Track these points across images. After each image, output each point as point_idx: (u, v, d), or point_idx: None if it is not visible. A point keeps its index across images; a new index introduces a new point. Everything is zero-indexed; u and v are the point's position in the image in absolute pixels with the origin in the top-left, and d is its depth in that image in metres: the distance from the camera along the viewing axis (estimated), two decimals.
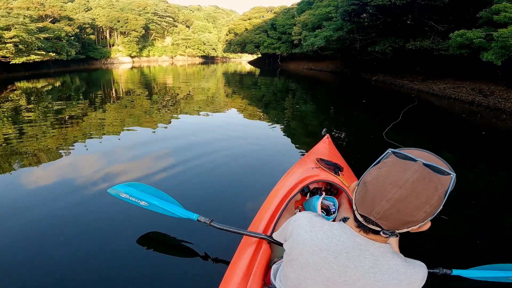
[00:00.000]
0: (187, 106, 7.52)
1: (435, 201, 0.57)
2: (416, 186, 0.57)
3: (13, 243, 1.83)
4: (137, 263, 1.66)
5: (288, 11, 30.85)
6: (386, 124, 5.08)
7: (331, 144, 2.55)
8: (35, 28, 20.49)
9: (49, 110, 6.58)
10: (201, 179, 2.80)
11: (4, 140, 4.08)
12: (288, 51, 28.42)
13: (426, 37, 11.12)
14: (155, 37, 49.87)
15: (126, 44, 42.89)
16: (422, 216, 0.57)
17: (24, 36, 18.45)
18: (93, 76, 19.04)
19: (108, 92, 10.38)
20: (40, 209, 2.22)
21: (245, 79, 17.14)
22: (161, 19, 48.94)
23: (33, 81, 14.29)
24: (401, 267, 0.63)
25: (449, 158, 3.49)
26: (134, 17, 42.33)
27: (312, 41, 16.73)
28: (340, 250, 0.66)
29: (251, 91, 11.40)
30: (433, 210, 0.57)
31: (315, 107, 7.66)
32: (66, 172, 2.95)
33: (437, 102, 8.72)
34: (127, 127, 4.98)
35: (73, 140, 4.08)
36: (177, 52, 51.55)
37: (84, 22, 33.61)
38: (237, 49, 35.63)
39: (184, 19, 56.42)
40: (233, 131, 4.74)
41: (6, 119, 5.61)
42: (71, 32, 27.27)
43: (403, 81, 12.39)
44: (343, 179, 1.64)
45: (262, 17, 38.03)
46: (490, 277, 1.43)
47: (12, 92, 10.03)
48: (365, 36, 14.23)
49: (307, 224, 0.73)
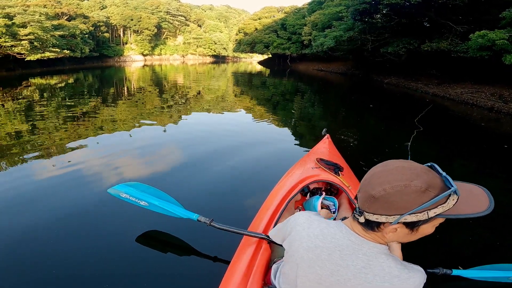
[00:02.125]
0: (193, 106, 7.43)
1: (399, 185, 0.57)
2: (396, 168, 0.60)
3: (10, 238, 1.85)
4: (137, 263, 1.66)
5: (299, 11, 30.44)
6: (397, 130, 4.80)
7: (331, 144, 2.55)
8: (50, 25, 20.98)
9: (59, 106, 6.69)
10: (201, 179, 2.78)
11: (12, 134, 4.18)
12: (298, 51, 28.01)
13: (443, 38, 10.59)
14: (167, 36, 50.47)
15: (138, 43, 43.59)
16: (380, 192, 0.58)
17: (39, 33, 18.92)
18: (105, 73, 19.37)
19: (119, 90, 10.48)
20: (41, 204, 2.24)
21: (253, 79, 16.99)
22: (173, 18, 49.51)
23: (47, 77, 14.62)
24: (394, 270, 0.61)
25: (463, 168, 3.16)
26: (147, 15, 42.97)
27: (321, 41, 16.37)
28: (334, 247, 0.66)
29: (259, 91, 11.23)
30: (396, 200, 0.57)
31: (322, 109, 7.42)
32: (67, 170, 2.94)
33: (454, 107, 8.27)
34: (132, 126, 4.95)
35: (78, 137, 4.10)
36: (188, 51, 52.01)
37: (99, 20, 34.34)
38: (247, 49, 35.46)
39: (196, 18, 56.86)
40: (235, 131, 4.70)
41: (18, 113, 5.76)
42: (86, 30, 27.85)
43: (417, 84, 11.88)
44: (343, 179, 1.62)
45: (272, 17, 37.70)
46: (490, 277, 1.42)
47: (26, 88, 10.25)
48: (378, 37, 13.70)
49: (305, 221, 0.74)
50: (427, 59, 12.12)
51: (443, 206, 0.58)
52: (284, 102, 8.76)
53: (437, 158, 3.75)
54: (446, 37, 10.58)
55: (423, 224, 0.60)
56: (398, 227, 0.61)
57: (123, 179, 2.70)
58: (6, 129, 4.56)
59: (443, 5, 9.86)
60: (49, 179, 2.72)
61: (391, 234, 0.62)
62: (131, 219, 2.04)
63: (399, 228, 0.61)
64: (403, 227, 0.61)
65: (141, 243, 1.82)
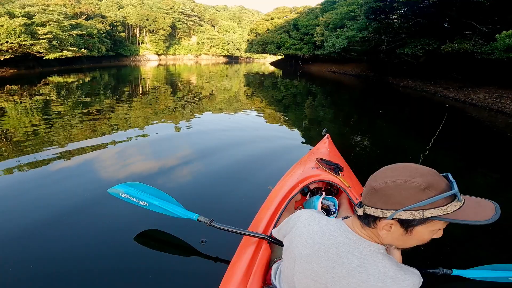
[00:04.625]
0: (196, 107, 7.32)
1: (399, 180, 0.57)
2: (403, 166, 0.60)
3: (10, 234, 1.86)
4: (137, 263, 1.66)
5: (312, 11, 29.77)
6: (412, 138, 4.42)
7: (331, 144, 2.54)
8: (68, 25, 21.59)
9: (74, 104, 6.77)
10: (201, 179, 2.79)
11: (21, 131, 4.23)
12: (311, 52, 27.39)
13: (466, 39, 9.94)
14: (181, 36, 51.15)
15: (153, 42, 44.38)
16: (380, 185, 0.59)
17: (58, 32, 19.47)
18: (121, 72, 19.75)
19: (134, 89, 10.57)
20: (42, 202, 2.26)
21: (264, 80, 16.73)
22: (188, 18, 50.10)
23: (64, 76, 14.98)
24: (389, 270, 0.61)
25: (483, 181, 2.87)
26: (162, 15, 43.69)
27: (333, 41, 15.84)
28: (331, 244, 0.66)
29: (270, 92, 10.98)
30: (395, 194, 0.57)
31: (330, 112, 7.07)
32: (68, 169, 2.95)
33: (476, 113, 7.69)
34: (136, 126, 4.93)
35: (86, 136, 4.11)
36: (202, 51, 52.49)
37: (116, 19, 35.19)
38: (258, 50, 35.18)
39: (209, 18, 57.37)
40: (235, 131, 4.70)
41: (30, 111, 5.88)
42: (103, 29, 28.55)
43: (436, 88, 11.24)
44: (343, 179, 1.61)
45: (285, 17, 37.22)
46: (490, 277, 1.41)
47: (44, 86, 10.54)
48: (394, 37, 13.05)
49: (306, 218, 0.75)
50: (447, 61, 11.46)
51: (441, 209, 0.57)
52: (292, 104, 8.50)
53: (454, 169, 3.43)
54: (469, 37, 9.93)
55: (418, 225, 0.60)
56: (392, 224, 0.60)
57: (123, 179, 2.68)
58: (15, 125, 4.61)
59: (466, 3, 9.25)
60: (50, 178, 2.72)
61: (385, 231, 0.62)
62: (131, 219, 2.03)
63: (393, 226, 0.61)
64: (397, 225, 0.60)
65: (141, 243, 1.81)
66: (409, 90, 12.04)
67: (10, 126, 4.60)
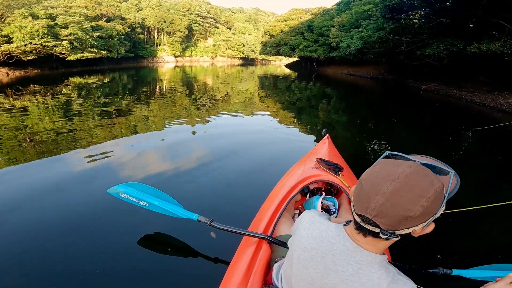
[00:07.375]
0: (208, 109, 7.25)
1: (432, 195, 0.55)
2: (409, 179, 0.56)
3: (12, 235, 1.86)
4: (136, 263, 1.66)
5: (327, 12, 29.11)
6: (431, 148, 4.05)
7: (331, 144, 2.55)
8: (89, 26, 22.36)
9: (94, 104, 6.93)
10: (201, 179, 2.79)
11: (33, 131, 4.31)
12: (326, 54, 26.74)
13: (495, 39, 9.27)
14: (197, 38, 51.91)
15: (171, 44, 45.30)
16: (419, 210, 0.55)
17: (79, 34, 20.19)
18: (140, 73, 20.22)
19: (152, 90, 10.77)
20: (44, 202, 2.26)
21: (279, 82, 16.49)
22: (204, 20, 50.79)
23: (85, 76, 15.48)
24: (383, 282, 0.59)
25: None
26: (178, 17, 44.54)
27: (348, 42, 15.24)
28: (328, 251, 0.65)
29: (283, 95, 10.76)
30: (432, 206, 0.55)
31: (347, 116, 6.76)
32: (69, 169, 2.97)
33: (505, 120, 7.10)
34: (140, 127, 4.92)
35: (96, 138, 4.12)
36: (218, 53, 53.00)
37: (135, 21, 36.22)
38: (272, 51, 34.84)
39: (225, 20, 57.85)
40: (237, 131, 4.73)
41: (46, 110, 6.02)
42: (122, 31, 29.40)
43: (461, 92, 10.57)
44: (343, 180, 1.62)
45: (299, 18, 36.69)
46: (490, 277, 1.39)
47: (65, 86, 10.92)
48: (414, 38, 12.36)
49: (307, 221, 0.74)
50: (473, 63, 10.77)
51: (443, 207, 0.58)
52: (306, 107, 8.26)
53: (476, 183, 3.13)
54: (498, 37, 9.26)
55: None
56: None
57: (124, 179, 2.67)
58: (28, 125, 4.70)
59: (493, 1, 8.62)
60: (51, 177, 2.72)
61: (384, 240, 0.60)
62: (131, 219, 2.02)
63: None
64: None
65: (140, 243, 1.81)
66: (430, 94, 11.43)
67: (22, 125, 4.69)
